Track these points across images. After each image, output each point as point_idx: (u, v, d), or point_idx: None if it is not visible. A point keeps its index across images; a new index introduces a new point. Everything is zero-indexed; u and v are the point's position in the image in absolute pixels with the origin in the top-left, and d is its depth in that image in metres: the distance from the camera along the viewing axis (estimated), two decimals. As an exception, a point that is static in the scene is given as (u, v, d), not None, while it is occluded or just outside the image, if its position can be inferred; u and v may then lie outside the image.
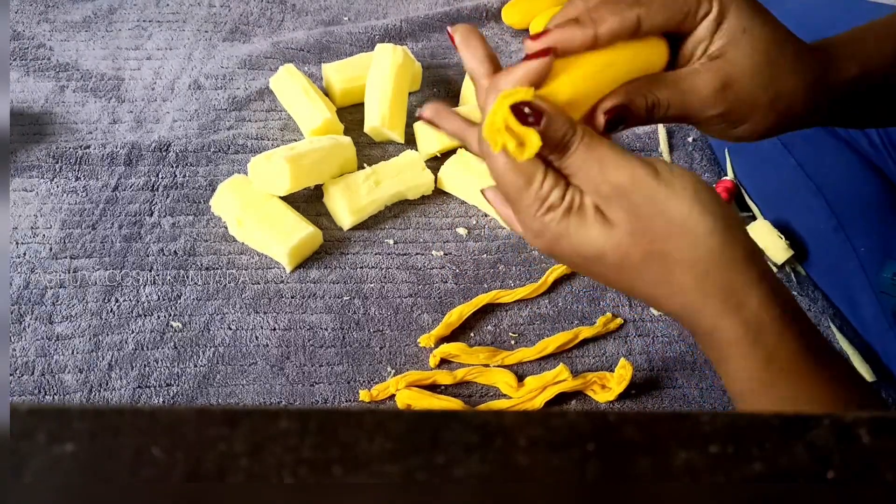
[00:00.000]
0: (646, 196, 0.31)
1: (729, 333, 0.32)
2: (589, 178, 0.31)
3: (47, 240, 0.66)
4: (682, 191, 0.31)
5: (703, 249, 0.31)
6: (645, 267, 0.32)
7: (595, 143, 0.32)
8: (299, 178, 0.66)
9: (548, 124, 0.31)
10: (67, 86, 0.80)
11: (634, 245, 0.31)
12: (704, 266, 0.31)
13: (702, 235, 0.31)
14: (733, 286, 0.31)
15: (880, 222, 0.60)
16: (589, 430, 0.19)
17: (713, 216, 0.31)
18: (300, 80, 0.75)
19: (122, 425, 0.18)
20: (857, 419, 0.19)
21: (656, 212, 0.31)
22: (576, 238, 0.32)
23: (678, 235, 0.31)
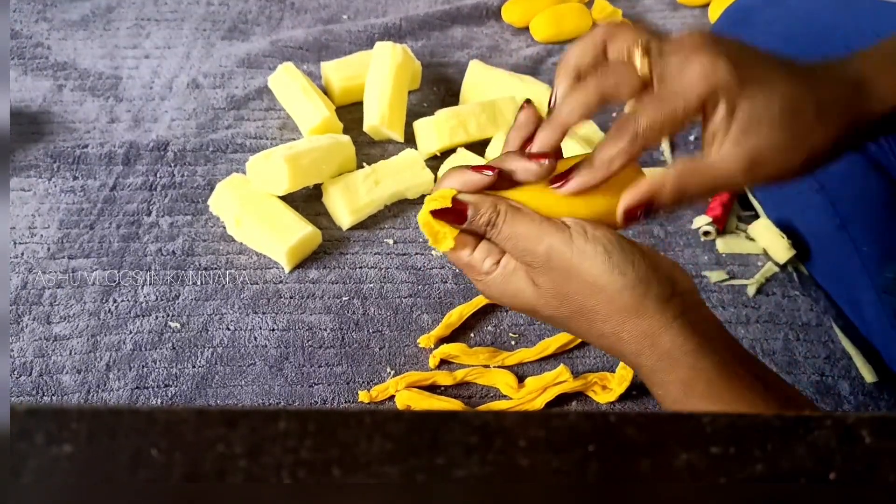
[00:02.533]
0: (563, 264, 0.35)
1: (646, 369, 0.37)
2: (516, 250, 0.37)
3: (45, 240, 0.66)
4: (593, 256, 0.35)
5: (617, 304, 0.35)
6: (572, 320, 0.37)
7: (517, 220, 0.36)
8: (298, 178, 0.66)
9: (473, 215, 0.36)
10: (65, 85, 0.80)
11: (560, 304, 0.37)
12: (619, 318, 0.36)
13: (615, 293, 0.35)
14: (647, 331, 0.36)
15: (883, 222, 0.60)
16: (590, 431, 0.19)
17: (623, 275, 0.35)
18: (299, 78, 0.75)
19: (121, 426, 0.18)
20: (860, 420, 0.19)
21: (574, 276, 0.35)
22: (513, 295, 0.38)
23: (595, 294, 0.35)
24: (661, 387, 0.36)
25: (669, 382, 0.36)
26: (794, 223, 0.66)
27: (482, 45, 0.88)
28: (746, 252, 0.68)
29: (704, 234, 0.68)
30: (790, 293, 0.65)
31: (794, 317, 0.63)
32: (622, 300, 0.35)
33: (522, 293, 0.37)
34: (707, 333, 0.36)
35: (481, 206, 0.36)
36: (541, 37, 0.88)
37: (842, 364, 0.60)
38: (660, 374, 0.36)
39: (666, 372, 0.36)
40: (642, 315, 0.35)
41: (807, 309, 0.64)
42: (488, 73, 0.78)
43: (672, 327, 0.35)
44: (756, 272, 0.66)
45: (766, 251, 0.67)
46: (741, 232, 0.69)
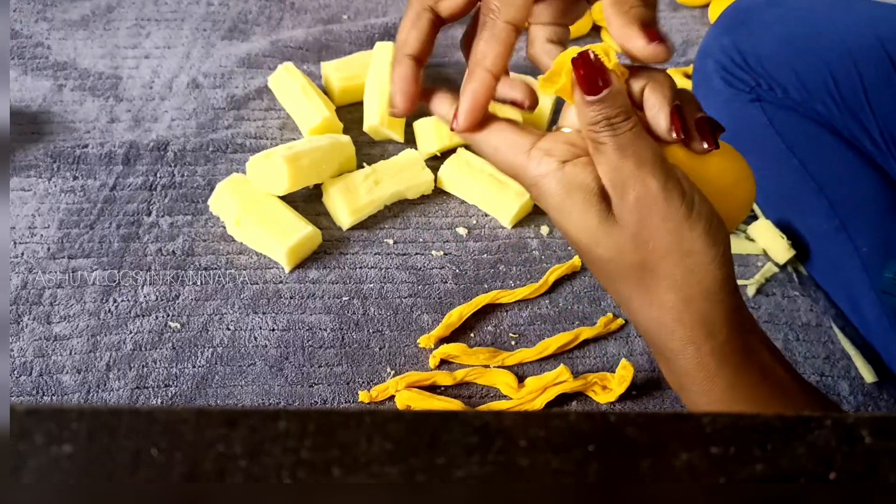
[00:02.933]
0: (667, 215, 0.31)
1: (693, 361, 0.33)
2: (626, 168, 0.31)
3: (45, 240, 0.66)
4: (697, 225, 0.31)
5: (695, 279, 0.31)
6: (634, 272, 0.32)
7: (644, 135, 0.31)
8: (298, 178, 0.66)
9: (610, 94, 0.31)
10: (65, 85, 0.80)
11: (633, 250, 0.31)
12: (690, 293, 0.32)
13: (701, 267, 0.31)
14: (709, 318, 0.32)
15: (882, 222, 0.60)
16: (590, 431, 0.19)
17: (717, 248, 0.31)
18: (299, 78, 0.75)
19: (121, 426, 0.18)
20: (860, 420, 0.19)
21: (668, 229, 0.31)
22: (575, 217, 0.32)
23: (679, 256, 0.31)
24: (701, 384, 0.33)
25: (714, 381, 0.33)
26: (794, 223, 0.66)
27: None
28: (746, 252, 0.68)
29: (704, 235, 0.68)
30: (790, 293, 0.65)
31: (793, 317, 0.63)
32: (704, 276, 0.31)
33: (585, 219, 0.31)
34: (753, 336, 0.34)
35: (620, 98, 0.31)
36: (541, 37, 0.88)
37: (841, 364, 0.60)
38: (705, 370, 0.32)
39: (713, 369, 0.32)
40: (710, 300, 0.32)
41: (806, 309, 0.64)
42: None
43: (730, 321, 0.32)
44: (756, 272, 0.66)
45: (765, 251, 0.67)
46: (741, 232, 0.70)
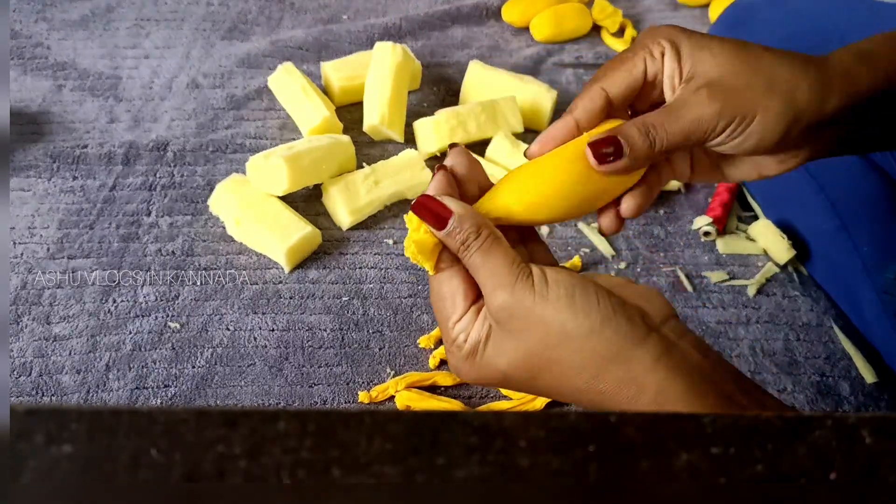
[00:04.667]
0: (525, 311, 0.33)
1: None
2: (482, 282, 0.34)
3: (45, 240, 0.66)
4: (556, 301, 0.32)
5: (586, 353, 0.32)
6: (543, 379, 0.34)
7: (493, 249, 0.34)
8: (298, 178, 0.66)
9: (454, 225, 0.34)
10: (65, 85, 0.80)
11: (526, 363, 0.34)
12: (594, 367, 0.32)
13: (583, 339, 0.32)
14: (626, 377, 0.32)
15: (883, 222, 0.60)
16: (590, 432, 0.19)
17: (587, 316, 0.32)
18: (299, 78, 0.75)
19: (120, 426, 0.18)
20: (860, 420, 0.19)
21: (538, 326, 0.33)
22: (482, 368, 0.35)
23: (562, 344, 0.32)
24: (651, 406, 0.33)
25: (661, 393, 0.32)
26: (795, 223, 0.66)
27: (482, 45, 0.88)
28: (747, 252, 0.68)
29: (705, 235, 0.68)
30: (790, 293, 0.65)
31: (794, 317, 0.63)
32: (591, 346, 0.32)
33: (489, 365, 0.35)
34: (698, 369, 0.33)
35: (466, 220, 0.34)
36: (541, 37, 0.88)
37: (842, 364, 0.60)
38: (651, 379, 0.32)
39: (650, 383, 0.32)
40: (617, 361, 0.32)
41: (807, 309, 0.64)
42: (488, 73, 0.78)
43: (656, 370, 0.32)
44: (756, 272, 0.66)
45: (766, 251, 0.67)
46: (741, 232, 0.70)
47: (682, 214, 0.71)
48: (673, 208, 0.71)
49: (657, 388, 0.32)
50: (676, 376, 0.32)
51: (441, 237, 0.35)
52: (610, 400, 0.33)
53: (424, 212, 0.35)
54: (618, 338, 0.32)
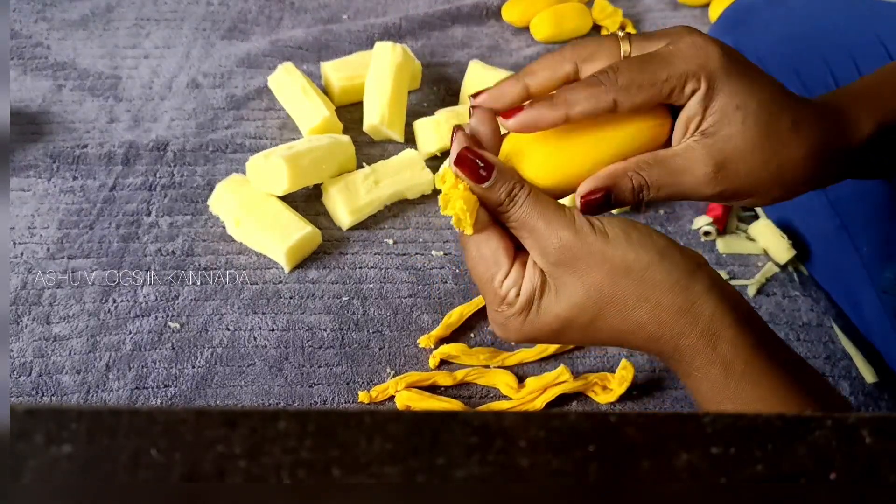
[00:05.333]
0: (583, 252, 0.33)
1: (689, 350, 0.34)
2: (538, 229, 0.33)
3: (44, 240, 0.66)
4: (615, 238, 0.33)
5: (648, 283, 0.33)
6: (604, 317, 0.34)
7: (541, 197, 0.34)
8: (298, 178, 0.66)
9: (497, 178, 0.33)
10: (65, 85, 0.80)
11: (589, 302, 0.34)
12: (653, 298, 0.33)
13: (641, 271, 0.33)
14: (684, 305, 0.33)
15: (883, 222, 0.60)
16: (590, 432, 0.19)
17: (646, 249, 0.33)
18: (299, 78, 0.75)
19: (120, 426, 0.18)
20: (860, 420, 0.19)
21: (599, 262, 0.33)
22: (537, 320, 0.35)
23: (622, 278, 0.33)
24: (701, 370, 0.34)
25: (712, 364, 0.33)
26: (795, 223, 0.66)
27: (482, 45, 0.88)
28: (747, 252, 0.68)
29: (705, 235, 0.68)
30: (790, 293, 0.65)
31: (794, 317, 0.63)
32: (651, 276, 0.33)
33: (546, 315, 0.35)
34: (740, 307, 0.34)
35: (507, 171, 0.34)
36: (541, 37, 0.88)
37: (842, 364, 0.60)
38: (700, 356, 0.33)
39: (708, 351, 0.33)
40: (675, 289, 0.33)
41: (807, 309, 0.64)
42: (488, 73, 0.78)
43: (709, 297, 0.33)
44: (756, 272, 0.66)
45: (766, 251, 0.67)
46: (741, 232, 0.70)
47: (682, 214, 0.71)
48: (673, 208, 0.71)
49: (711, 314, 0.33)
50: (727, 305, 0.34)
51: (481, 192, 0.33)
52: (667, 330, 0.34)
53: (466, 165, 0.33)
54: (674, 268, 0.33)
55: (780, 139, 0.35)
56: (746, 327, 0.34)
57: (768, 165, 0.35)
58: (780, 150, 0.35)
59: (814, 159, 0.36)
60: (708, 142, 0.35)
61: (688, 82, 0.34)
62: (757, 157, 0.35)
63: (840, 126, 0.37)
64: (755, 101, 0.34)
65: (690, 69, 0.34)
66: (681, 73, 0.34)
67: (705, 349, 0.33)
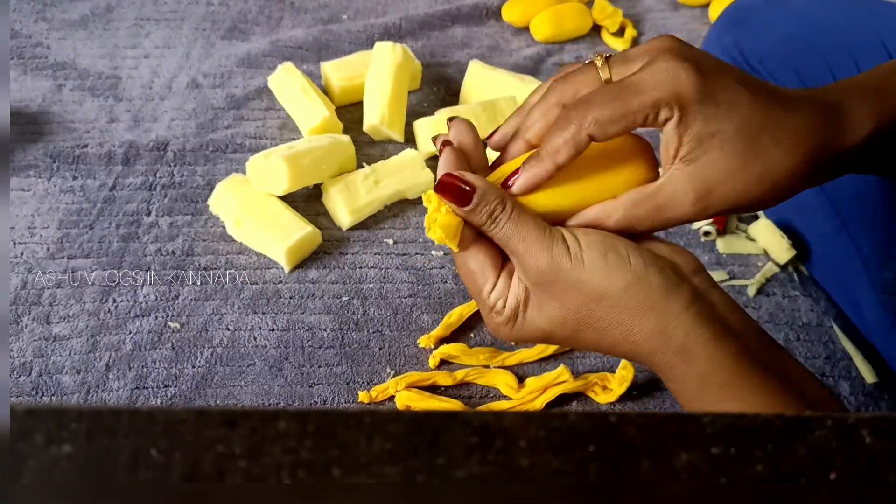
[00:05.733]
0: (565, 277, 0.34)
1: (664, 366, 0.35)
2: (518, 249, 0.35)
3: (45, 240, 0.66)
4: (590, 264, 0.34)
5: (620, 308, 0.34)
6: (582, 334, 0.36)
7: (523, 218, 0.34)
8: (298, 178, 0.66)
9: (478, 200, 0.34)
10: (65, 85, 0.80)
11: (567, 321, 0.35)
12: (627, 322, 0.34)
13: (616, 296, 0.34)
14: (656, 328, 0.34)
15: (883, 222, 0.60)
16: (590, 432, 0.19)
17: (622, 273, 0.34)
18: (299, 78, 0.75)
19: (120, 426, 0.18)
20: (860, 420, 0.19)
21: (573, 288, 0.34)
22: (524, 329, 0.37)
23: (596, 304, 0.34)
24: (678, 382, 0.35)
25: (687, 377, 0.34)
26: (795, 223, 0.66)
27: (482, 45, 0.88)
28: (747, 252, 0.68)
29: (705, 235, 0.68)
30: (790, 293, 0.65)
31: (794, 317, 0.63)
32: (624, 302, 0.34)
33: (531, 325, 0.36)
34: (723, 320, 0.35)
35: (489, 194, 0.34)
36: (541, 37, 0.88)
37: (842, 364, 0.60)
38: (676, 369, 0.34)
39: (683, 367, 0.34)
40: (648, 312, 0.34)
41: (807, 309, 0.64)
42: (488, 73, 0.78)
43: (684, 318, 0.34)
44: (756, 272, 0.66)
45: (766, 251, 0.67)
46: (741, 232, 0.69)
47: (682, 214, 0.71)
48: (673, 208, 0.71)
49: (684, 335, 0.34)
50: (703, 324, 0.34)
51: (463, 214, 0.35)
52: (641, 349, 0.35)
53: (447, 191, 0.34)
54: (650, 291, 0.34)
55: (764, 157, 0.35)
56: (728, 341, 0.34)
57: (757, 184, 0.35)
58: (766, 166, 0.35)
59: (806, 164, 0.36)
60: (689, 170, 0.34)
61: (661, 111, 0.33)
62: (742, 178, 0.34)
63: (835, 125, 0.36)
64: (732, 126, 0.34)
65: (661, 97, 0.33)
66: (652, 102, 0.33)
67: (680, 365, 0.34)
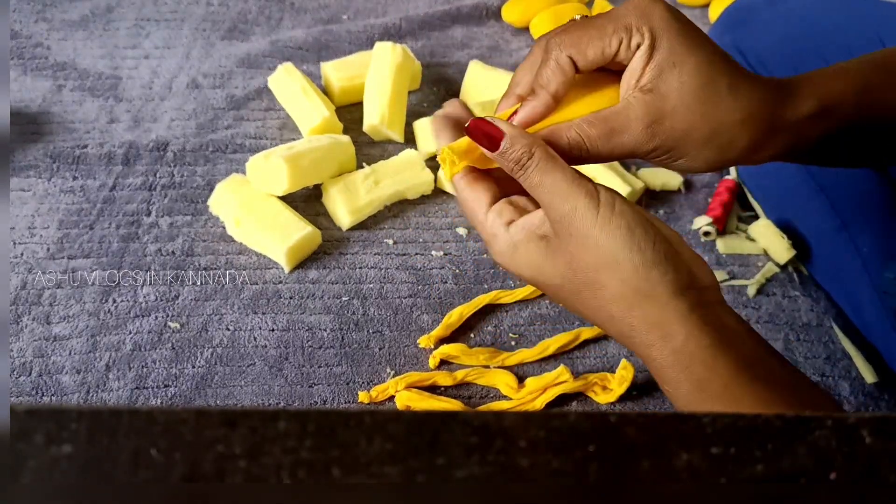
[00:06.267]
0: (583, 230, 0.34)
1: (658, 363, 0.34)
2: (543, 198, 0.35)
3: (45, 240, 0.66)
4: (616, 230, 0.34)
5: (628, 285, 0.34)
6: (582, 294, 0.35)
7: (550, 167, 0.34)
8: (298, 178, 0.66)
9: (507, 146, 0.35)
10: (65, 85, 0.80)
11: (572, 273, 0.35)
12: (630, 300, 0.34)
13: (628, 272, 0.34)
14: (658, 320, 0.34)
15: (883, 222, 0.60)
16: (590, 432, 0.19)
17: (641, 254, 0.34)
18: (299, 78, 0.75)
19: (120, 426, 0.18)
20: (860, 420, 0.19)
21: (591, 246, 0.34)
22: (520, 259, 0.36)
23: (609, 269, 0.34)
24: (672, 384, 0.34)
25: (682, 380, 0.34)
26: (795, 223, 0.66)
27: (482, 45, 0.88)
28: (747, 252, 0.68)
29: (705, 235, 0.68)
30: (790, 293, 0.65)
31: (794, 317, 0.63)
32: (635, 280, 0.33)
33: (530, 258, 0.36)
34: (726, 330, 0.34)
35: (517, 140, 0.35)
36: (541, 37, 0.88)
37: (842, 364, 0.60)
38: (672, 370, 0.34)
39: (679, 368, 0.34)
40: (653, 302, 0.33)
41: (807, 309, 0.64)
42: (488, 73, 0.78)
43: (687, 320, 0.33)
44: (756, 272, 0.66)
45: (766, 251, 0.67)
46: (741, 232, 0.69)
47: (682, 214, 0.71)
48: (673, 208, 0.71)
49: (685, 336, 0.33)
50: (705, 331, 0.33)
51: (495, 157, 0.35)
52: (637, 335, 0.34)
53: (477, 134, 0.35)
54: (660, 282, 0.34)
55: (716, 100, 0.36)
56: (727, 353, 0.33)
57: (703, 125, 0.36)
58: (715, 111, 0.36)
59: (750, 126, 0.37)
60: (647, 98, 0.36)
61: (633, 35, 0.35)
62: (691, 116, 0.36)
63: (779, 97, 0.38)
64: (693, 60, 0.36)
65: (634, 22, 0.35)
66: (626, 24, 0.35)
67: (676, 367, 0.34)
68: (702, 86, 0.36)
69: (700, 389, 0.33)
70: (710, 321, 0.34)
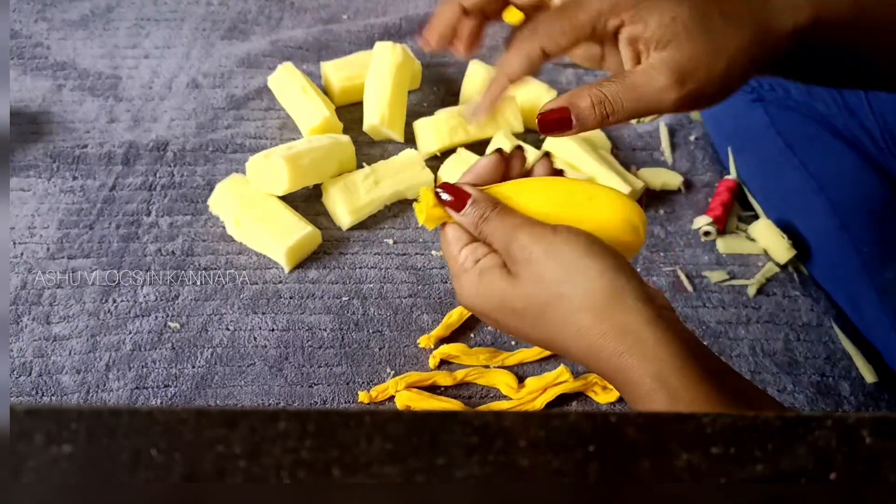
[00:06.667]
0: (544, 247, 0.35)
1: (632, 374, 0.33)
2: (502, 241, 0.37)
3: (44, 240, 0.66)
4: (576, 240, 0.35)
5: (595, 289, 0.34)
6: (547, 312, 0.35)
7: (507, 214, 0.37)
8: (298, 178, 0.66)
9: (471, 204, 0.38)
10: (65, 85, 0.80)
11: (536, 292, 0.35)
12: (600, 305, 0.34)
13: (593, 276, 0.34)
14: (628, 325, 0.34)
15: (883, 222, 0.60)
16: (590, 432, 0.19)
17: (603, 260, 0.35)
18: (299, 78, 0.75)
19: (120, 426, 0.18)
20: (860, 420, 0.19)
21: (552, 259, 0.35)
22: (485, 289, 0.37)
23: (572, 277, 0.34)
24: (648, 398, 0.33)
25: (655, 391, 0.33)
26: (795, 223, 0.66)
27: (482, 45, 0.87)
28: (747, 252, 0.68)
29: (705, 235, 0.68)
30: (791, 293, 0.65)
31: (794, 317, 0.63)
32: (602, 282, 0.34)
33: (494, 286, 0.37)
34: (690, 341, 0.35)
35: (481, 200, 0.38)
36: (541, 37, 0.88)
37: (842, 364, 0.60)
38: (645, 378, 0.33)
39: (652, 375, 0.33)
40: (622, 304, 0.34)
41: (807, 309, 0.64)
42: (488, 73, 0.78)
43: (656, 325, 0.33)
44: (756, 272, 0.66)
45: (766, 251, 0.67)
46: (742, 232, 0.69)
47: (682, 214, 0.71)
48: (673, 208, 0.71)
49: (655, 341, 0.33)
50: (673, 337, 0.34)
51: (459, 219, 0.38)
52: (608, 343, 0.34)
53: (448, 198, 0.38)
54: (626, 286, 0.34)
55: (718, 33, 0.37)
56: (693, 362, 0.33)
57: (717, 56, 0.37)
58: (721, 42, 0.37)
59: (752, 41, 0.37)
60: (663, 54, 0.37)
61: (609, 19, 0.37)
62: (706, 54, 0.37)
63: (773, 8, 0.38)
64: (685, 10, 0.37)
65: (604, 7, 0.37)
66: (597, 11, 0.37)
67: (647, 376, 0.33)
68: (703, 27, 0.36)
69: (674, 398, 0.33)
70: (675, 329, 0.34)
